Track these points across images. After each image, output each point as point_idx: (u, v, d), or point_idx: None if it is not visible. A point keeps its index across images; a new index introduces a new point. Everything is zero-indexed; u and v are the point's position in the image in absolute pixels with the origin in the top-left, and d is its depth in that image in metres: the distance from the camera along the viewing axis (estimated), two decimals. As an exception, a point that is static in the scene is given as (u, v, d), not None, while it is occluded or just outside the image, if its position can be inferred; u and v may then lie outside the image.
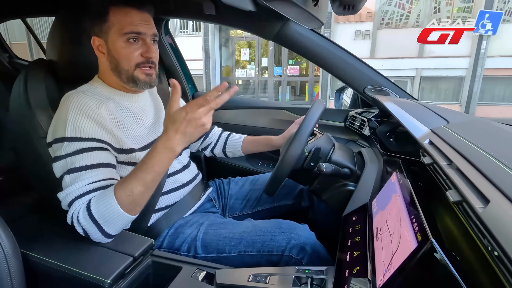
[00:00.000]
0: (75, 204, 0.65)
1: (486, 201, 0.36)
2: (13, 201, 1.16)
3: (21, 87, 0.78)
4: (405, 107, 0.86)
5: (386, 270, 0.44)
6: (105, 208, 0.64)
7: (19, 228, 0.64)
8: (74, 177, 0.66)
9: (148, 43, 0.76)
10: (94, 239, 0.66)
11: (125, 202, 0.64)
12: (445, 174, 0.47)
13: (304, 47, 1.13)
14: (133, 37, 0.74)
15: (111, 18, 0.73)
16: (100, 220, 0.64)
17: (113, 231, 0.67)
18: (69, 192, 0.65)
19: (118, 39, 0.73)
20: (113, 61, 0.76)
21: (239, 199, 1.05)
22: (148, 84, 0.79)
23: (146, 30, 0.75)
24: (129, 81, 0.77)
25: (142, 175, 0.64)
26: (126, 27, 0.73)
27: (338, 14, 0.81)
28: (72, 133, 0.68)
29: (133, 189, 0.64)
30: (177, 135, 0.63)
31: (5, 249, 0.54)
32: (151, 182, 0.66)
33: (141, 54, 0.75)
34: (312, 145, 0.84)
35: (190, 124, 0.62)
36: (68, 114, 0.69)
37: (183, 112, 0.62)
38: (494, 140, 0.65)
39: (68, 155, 0.67)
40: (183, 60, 1.57)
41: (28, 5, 1.31)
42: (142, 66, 0.76)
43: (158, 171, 0.65)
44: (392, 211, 0.54)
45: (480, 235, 0.36)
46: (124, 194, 0.64)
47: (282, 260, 0.72)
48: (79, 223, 0.64)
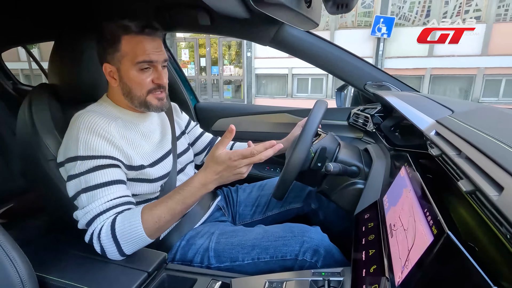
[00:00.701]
0: (96, 221, 0.66)
1: (500, 188, 0.35)
2: (24, 224, 1.17)
3: (26, 112, 0.80)
4: (408, 100, 0.85)
5: (404, 266, 0.43)
6: (130, 229, 0.65)
7: (33, 251, 0.65)
8: (91, 195, 0.67)
9: (159, 70, 0.77)
10: (109, 256, 0.67)
11: (151, 227, 0.66)
12: (455, 164, 0.47)
13: (301, 49, 1.14)
14: (146, 66, 0.75)
15: (124, 47, 0.73)
16: (121, 239, 0.65)
17: (129, 251, 0.68)
18: (89, 210, 0.66)
19: (131, 68, 0.74)
20: (125, 88, 0.77)
21: (248, 205, 1.05)
22: (160, 108, 0.80)
23: (158, 58, 0.76)
24: (141, 106, 0.79)
25: (173, 205, 0.67)
26: (139, 57, 0.73)
27: (331, 13, 0.81)
28: (85, 151, 0.69)
29: (161, 217, 0.66)
30: (215, 176, 0.67)
31: (21, 273, 0.54)
32: (179, 213, 0.68)
33: (153, 80, 0.77)
34: (317, 146, 0.84)
35: (229, 170, 0.66)
36: (79, 133, 0.70)
37: (227, 157, 0.65)
38: (501, 125, 0.64)
39: (82, 173, 0.68)
40: (182, 73, 1.58)
41: (28, 32, 1.35)
42: (153, 91, 0.77)
43: (188, 204, 0.69)
44: (404, 206, 0.53)
45: (497, 223, 0.35)
46: (151, 220, 0.66)
47: (296, 264, 0.71)
48: (99, 240, 0.65)
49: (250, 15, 0.93)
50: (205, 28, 1.14)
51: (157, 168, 0.81)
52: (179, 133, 0.97)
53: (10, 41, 1.58)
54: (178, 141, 0.95)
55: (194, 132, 1.10)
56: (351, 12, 8.13)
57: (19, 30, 1.32)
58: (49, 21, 1.15)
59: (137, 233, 0.65)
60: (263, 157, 0.66)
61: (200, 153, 1.13)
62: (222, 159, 0.66)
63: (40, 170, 0.78)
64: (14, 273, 0.53)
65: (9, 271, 0.53)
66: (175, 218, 0.69)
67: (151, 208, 0.67)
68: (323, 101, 0.88)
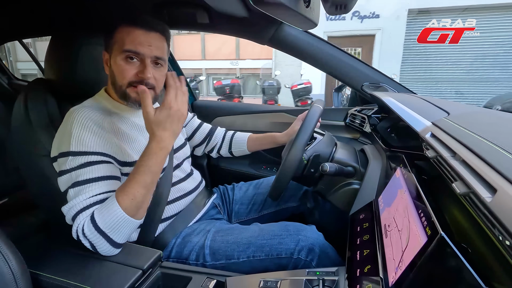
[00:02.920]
0: (79, 218, 0.64)
1: (493, 191, 0.35)
2: (18, 220, 1.16)
3: (21, 107, 0.79)
4: (404, 102, 0.86)
5: (398, 267, 0.43)
6: (109, 216, 0.64)
7: (26, 248, 0.64)
8: (78, 190, 0.67)
9: (146, 64, 0.73)
10: (101, 252, 0.66)
11: (129, 207, 0.65)
12: (450, 166, 0.47)
13: (299, 49, 1.14)
14: (131, 56, 0.73)
15: (117, 34, 0.74)
16: (106, 229, 0.64)
17: (120, 239, 0.66)
18: (72, 206, 0.65)
19: (118, 56, 0.74)
20: (112, 76, 0.77)
21: (244, 204, 1.05)
22: (138, 103, 0.75)
23: (146, 51, 0.73)
24: (121, 97, 0.77)
25: (142, 178, 0.66)
26: (126, 45, 0.73)
27: (330, 14, 0.81)
28: (77, 147, 0.68)
29: (135, 193, 0.65)
30: (165, 133, 0.67)
31: (14, 270, 0.54)
32: (150, 183, 0.67)
33: (137, 73, 0.74)
34: (311, 152, 0.84)
35: (173, 119, 0.66)
36: (73, 129, 0.69)
37: (163, 110, 0.66)
38: (496, 128, 0.65)
39: (73, 169, 0.68)
40: (180, 71, 1.58)
41: (24, 26, 1.33)
42: (135, 84, 0.74)
43: (156, 171, 0.68)
44: (399, 207, 0.54)
45: (490, 225, 0.35)
46: (127, 199, 0.65)
47: (291, 262, 0.72)
48: (85, 237, 0.64)
49: (249, 14, 0.92)
50: (204, 26, 1.13)
51: None
52: None
53: (6, 35, 1.56)
54: None
55: (192, 124, 1.10)
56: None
57: (15, 25, 1.30)
58: (46, 15, 1.13)
59: (118, 216, 0.64)
60: (182, 83, 0.69)
61: (200, 144, 1.12)
62: (161, 116, 0.66)
63: (35, 165, 0.77)
64: (7, 269, 0.53)
65: (2, 267, 0.52)
66: (150, 190, 0.68)
67: (122, 188, 0.66)
68: (321, 100, 0.88)
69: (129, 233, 0.68)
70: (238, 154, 1.15)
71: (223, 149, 1.14)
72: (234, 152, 1.14)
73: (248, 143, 1.12)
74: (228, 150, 1.14)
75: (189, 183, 0.93)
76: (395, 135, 0.96)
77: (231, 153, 1.15)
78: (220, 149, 1.14)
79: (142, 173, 0.66)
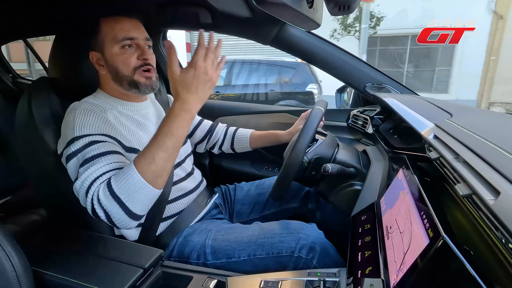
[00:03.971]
0: (94, 186, 0.62)
1: (496, 193, 0.35)
2: (21, 219, 1.17)
3: (25, 106, 0.79)
4: (407, 103, 0.86)
5: (399, 270, 0.43)
6: (126, 180, 0.60)
7: (29, 246, 0.65)
8: (88, 165, 0.65)
9: (142, 46, 0.77)
10: (117, 222, 0.62)
11: (147, 170, 0.61)
12: (453, 168, 0.47)
13: (302, 49, 1.14)
14: (127, 44, 0.76)
15: (103, 29, 0.75)
16: (122, 195, 0.60)
17: (138, 210, 0.62)
18: (86, 177, 0.63)
19: (113, 47, 0.75)
20: (112, 70, 0.77)
21: (245, 204, 1.05)
22: (150, 87, 0.79)
23: (138, 35, 0.77)
24: (131, 87, 0.78)
25: (163, 140, 0.62)
26: (119, 34, 0.74)
27: (333, 14, 0.81)
28: (80, 131, 0.69)
29: (155, 156, 0.61)
30: (190, 95, 0.63)
31: (17, 268, 0.54)
32: (172, 147, 0.63)
33: (137, 57, 0.77)
34: (312, 155, 0.83)
35: (200, 81, 0.63)
36: (75, 118, 0.70)
37: (189, 71, 0.62)
38: (499, 130, 0.64)
39: (78, 150, 0.67)
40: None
41: (28, 26, 1.34)
42: (140, 69, 0.77)
43: (179, 135, 0.64)
44: (401, 208, 0.53)
45: (493, 228, 0.35)
46: (145, 162, 0.61)
47: (292, 261, 0.72)
48: (100, 204, 0.60)
49: (252, 14, 0.93)
50: (206, 26, 1.13)
51: None
52: None
53: (10, 35, 1.57)
54: None
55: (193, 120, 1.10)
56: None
57: (19, 24, 1.31)
58: (50, 15, 1.14)
59: (135, 181, 0.60)
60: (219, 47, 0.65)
61: (201, 141, 1.12)
62: (186, 75, 0.62)
63: (39, 164, 0.78)
64: (9, 267, 0.53)
65: (5, 265, 0.53)
66: (171, 156, 0.64)
67: (141, 153, 0.63)
68: (323, 101, 0.88)
69: (147, 203, 0.64)
70: (240, 150, 1.14)
71: (225, 145, 1.13)
72: (236, 149, 1.14)
73: (250, 140, 1.11)
74: (230, 147, 1.13)
75: (189, 182, 0.93)
76: (398, 136, 0.95)
77: (233, 149, 1.14)
78: (222, 145, 1.14)
79: (164, 135, 0.62)
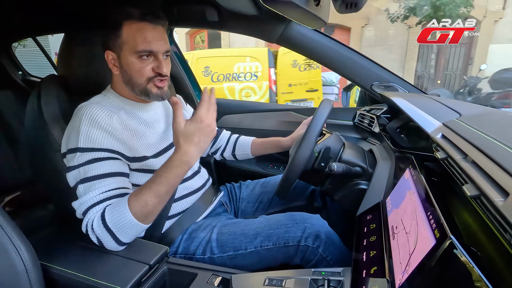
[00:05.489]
0: (90, 213, 0.66)
1: (505, 194, 0.35)
2: (30, 214, 1.19)
3: (35, 103, 0.81)
4: (415, 102, 0.84)
5: (404, 271, 0.43)
6: (119, 217, 0.65)
7: (38, 240, 0.66)
8: (88, 186, 0.68)
9: (160, 59, 0.76)
10: (107, 247, 0.67)
11: (138, 212, 0.66)
12: (461, 168, 0.46)
13: (308, 48, 1.13)
14: (146, 54, 0.74)
15: (125, 34, 0.73)
16: (114, 228, 0.65)
17: (126, 239, 0.68)
18: (84, 201, 0.67)
19: (131, 56, 0.74)
20: (125, 75, 0.77)
21: (250, 202, 1.05)
22: (160, 97, 0.79)
23: (159, 48, 0.75)
24: (142, 94, 0.79)
25: (157, 187, 0.66)
26: (139, 45, 0.73)
27: (340, 12, 0.80)
28: (85, 143, 0.70)
29: (147, 201, 0.66)
30: (192, 147, 0.65)
31: (26, 261, 0.55)
32: (165, 194, 0.67)
33: (153, 69, 0.76)
34: (321, 145, 0.83)
35: (202, 134, 0.65)
36: (81, 125, 0.71)
37: (193, 123, 0.65)
38: (509, 130, 0.63)
39: (81, 165, 0.69)
40: (189, 69, 1.58)
41: (38, 24, 1.36)
42: (155, 79, 0.77)
43: (173, 184, 0.68)
44: (407, 208, 0.53)
45: (501, 229, 0.34)
46: (138, 205, 0.65)
47: (298, 250, 0.73)
48: (93, 232, 0.65)
49: (258, 12, 0.92)
50: (213, 24, 1.13)
51: (161, 159, 0.82)
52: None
53: (21, 33, 1.60)
54: None
55: None
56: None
57: (29, 22, 1.33)
58: (60, 13, 1.16)
59: (127, 220, 0.65)
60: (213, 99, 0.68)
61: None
62: (190, 128, 0.65)
63: (47, 160, 0.79)
64: (19, 261, 0.54)
65: (14, 259, 0.54)
66: (163, 200, 0.68)
67: (136, 194, 0.66)
68: (329, 100, 0.88)
69: (135, 235, 0.69)
70: (241, 158, 1.15)
71: (227, 152, 1.14)
72: (237, 156, 1.14)
73: (252, 147, 1.11)
74: (232, 153, 1.14)
75: (196, 181, 0.93)
76: (405, 135, 0.94)
77: (234, 156, 1.14)
78: (223, 152, 1.14)
79: (159, 183, 0.66)
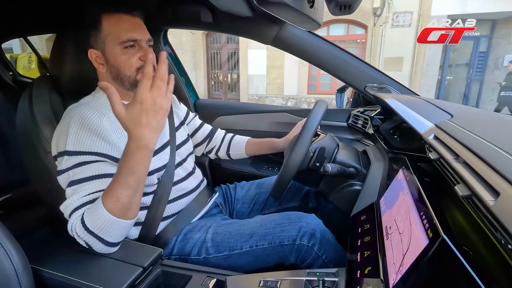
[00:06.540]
0: (72, 217, 0.65)
1: (496, 194, 0.35)
2: (21, 216, 1.17)
3: (26, 104, 0.79)
4: (408, 103, 0.85)
5: (398, 272, 0.43)
6: (97, 218, 0.62)
7: (28, 243, 0.65)
8: (74, 189, 0.67)
9: (144, 46, 0.77)
10: (97, 250, 0.66)
11: (114, 208, 0.62)
12: (453, 169, 0.47)
13: (302, 49, 1.14)
14: (130, 44, 0.75)
15: (105, 27, 0.73)
16: (96, 230, 0.63)
17: (113, 239, 0.65)
18: (68, 205, 0.66)
19: (116, 47, 0.74)
20: (113, 70, 0.76)
21: (246, 203, 1.05)
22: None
23: (142, 36, 0.76)
24: (132, 87, 0.77)
25: (124, 179, 0.62)
26: (122, 36, 0.73)
27: (334, 14, 0.81)
28: (73, 146, 0.68)
29: (119, 195, 0.62)
30: (143, 130, 0.59)
31: (16, 265, 0.54)
32: (135, 184, 0.63)
33: (140, 58, 0.76)
34: (316, 145, 0.84)
35: (149, 114, 0.59)
36: (70, 128, 0.69)
37: (134, 106, 0.59)
38: (500, 131, 0.64)
39: (69, 168, 0.68)
40: (183, 69, 1.58)
41: (29, 23, 1.34)
42: (141, 70, 0.76)
43: (140, 172, 0.63)
44: (400, 209, 0.53)
45: (493, 229, 0.35)
46: (111, 201, 0.62)
47: (294, 249, 0.73)
48: (79, 236, 0.64)
49: (253, 13, 0.92)
50: (207, 25, 1.13)
51: (153, 160, 0.80)
52: (177, 124, 0.97)
53: (12, 32, 1.57)
54: (177, 132, 0.94)
55: (194, 123, 1.10)
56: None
57: (20, 22, 1.31)
58: (52, 12, 1.14)
59: (104, 219, 0.62)
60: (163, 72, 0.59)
61: (200, 144, 1.12)
62: (132, 112, 0.59)
63: (39, 162, 0.78)
64: (9, 264, 0.53)
65: (4, 262, 0.53)
66: (136, 191, 0.64)
67: (107, 190, 0.63)
68: (323, 101, 0.88)
69: (122, 233, 0.66)
70: (235, 157, 1.15)
71: (221, 151, 1.14)
72: (232, 155, 1.14)
73: (246, 147, 1.12)
74: (226, 152, 1.14)
75: (190, 182, 0.93)
76: (398, 136, 0.95)
77: (229, 156, 1.15)
78: (218, 151, 1.14)
79: (124, 174, 0.62)
